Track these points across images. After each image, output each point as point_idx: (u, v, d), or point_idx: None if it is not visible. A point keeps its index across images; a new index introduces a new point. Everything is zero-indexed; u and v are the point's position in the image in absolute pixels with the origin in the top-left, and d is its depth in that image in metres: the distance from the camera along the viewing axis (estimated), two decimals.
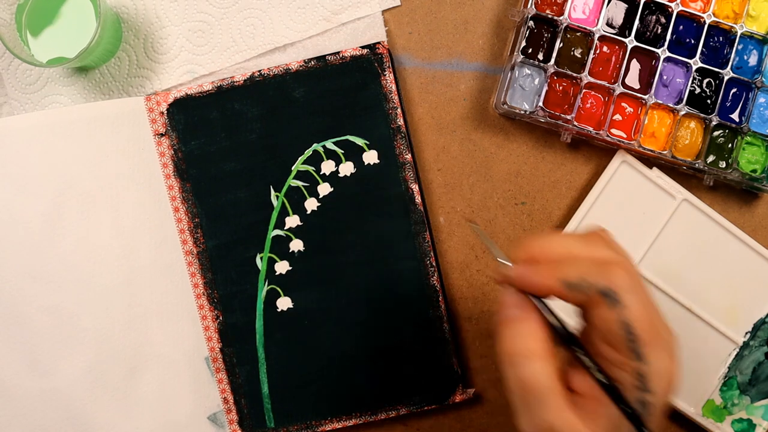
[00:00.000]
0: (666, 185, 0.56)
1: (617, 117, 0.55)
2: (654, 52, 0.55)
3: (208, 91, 0.55)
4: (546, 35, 0.55)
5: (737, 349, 0.56)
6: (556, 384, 0.36)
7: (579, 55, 0.55)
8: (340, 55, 0.55)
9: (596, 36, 0.55)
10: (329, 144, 0.55)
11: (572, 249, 0.38)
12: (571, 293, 0.36)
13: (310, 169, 0.55)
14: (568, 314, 0.40)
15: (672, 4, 0.55)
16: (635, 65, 0.56)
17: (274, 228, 0.55)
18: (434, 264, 0.55)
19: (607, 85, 0.55)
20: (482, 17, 0.58)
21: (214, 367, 0.55)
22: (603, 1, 0.55)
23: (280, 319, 0.55)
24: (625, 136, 0.55)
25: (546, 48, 0.55)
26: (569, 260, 0.37)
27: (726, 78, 0.55)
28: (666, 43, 0.55)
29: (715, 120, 0.55)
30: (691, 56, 0.55)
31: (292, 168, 0.55)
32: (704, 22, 0.55)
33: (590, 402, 0.37)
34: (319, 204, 0.55)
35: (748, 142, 0.56)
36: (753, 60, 0.56)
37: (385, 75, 0.55)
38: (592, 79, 0.55)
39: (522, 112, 0.55)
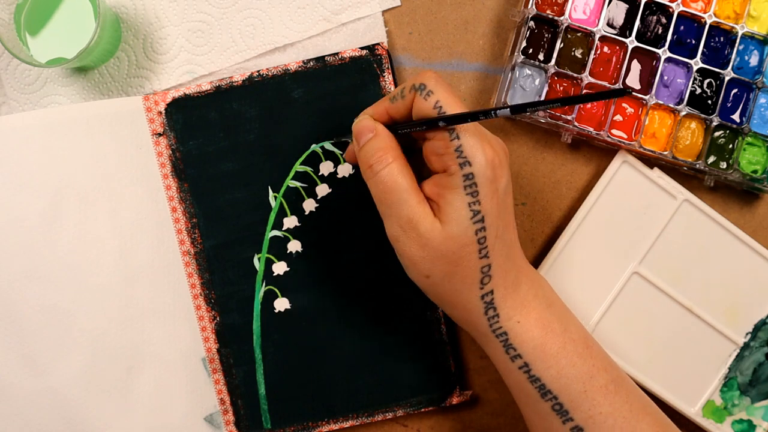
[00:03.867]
0: (667, 185, 0.55)
1: (618, 117, 0.55)
2: (655, 52, 0.55)
3: (207, 91, 0.55)
4: (546, 35, 0.55)
5: (738, 350, 0.56)
6: (411, 184, 0.44)
7: (580, 56, 0.55)
8: (339, 56, 0.55)
9: (597, 36, 0.54)
10: (327, 145, 0.55)
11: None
12: (394, 104, 0.45)
13: (309, 169, 0.55)
14: None
15: (673, 5, 0.55)
16: (636, 66, 0.55)
17: (272, 229, 0.55)
18: None
19: (608, 85, 0.54)
20: (483, 17, 0.57)
21: (210, 367, 0.55)
22: (604, 1, 0.55)
23: (277, 320, 0.55)
24: (625, 136, 0.55)
25: (546, 48, 0.55)
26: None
27: (727, 78, 0.55)
28: (667, 44, 0.55)
29: (715, 120, 0.55)
30: (692, 57, 0.55)
31: (291, 169, 0.55)
32: (705, 22, 0.55)
33: (437, 200, 0.44)
34: (318, 205, 0.55)
35: (748, 142, 0.55)
36: (754, 60, 0.56)
37: (384, 76, 0.55)
38: (592, 80, 0.54)
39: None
